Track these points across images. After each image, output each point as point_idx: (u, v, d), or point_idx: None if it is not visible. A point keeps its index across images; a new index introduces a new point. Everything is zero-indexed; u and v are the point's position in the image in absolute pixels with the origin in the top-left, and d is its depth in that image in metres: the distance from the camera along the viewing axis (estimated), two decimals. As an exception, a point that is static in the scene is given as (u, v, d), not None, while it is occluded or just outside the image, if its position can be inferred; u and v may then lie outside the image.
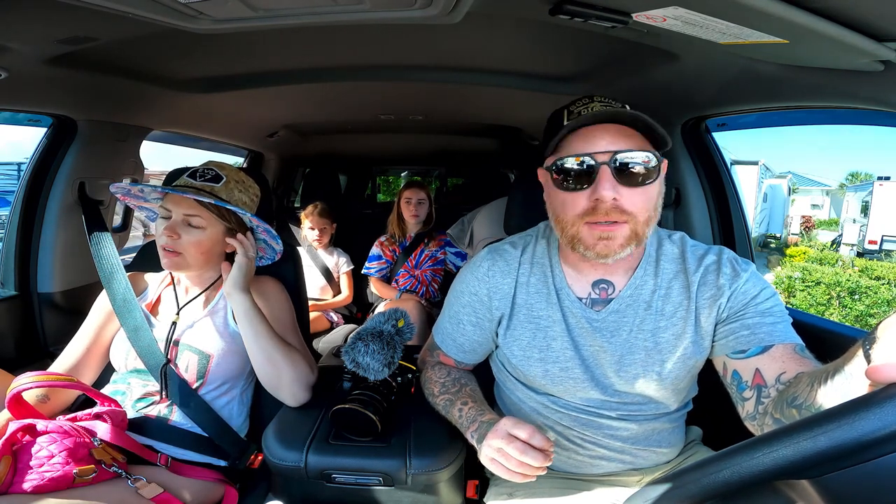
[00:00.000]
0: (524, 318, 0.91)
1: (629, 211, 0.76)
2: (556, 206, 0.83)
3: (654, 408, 0.90)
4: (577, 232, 0.80)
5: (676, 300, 0.86)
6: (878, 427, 0.35)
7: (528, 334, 0.91)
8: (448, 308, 1.02)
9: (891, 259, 11.03)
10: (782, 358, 0.74)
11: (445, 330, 1.02)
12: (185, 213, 1.04)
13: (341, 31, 1.08)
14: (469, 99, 1.76)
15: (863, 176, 32.52)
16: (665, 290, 0.87)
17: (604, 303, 0.88)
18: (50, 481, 0.79)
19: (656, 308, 0.86)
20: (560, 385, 0.89)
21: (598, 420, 0.90)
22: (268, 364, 1.03)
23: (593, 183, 0.76)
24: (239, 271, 1.05)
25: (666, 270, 0.88)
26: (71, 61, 1.06)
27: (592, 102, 0.81)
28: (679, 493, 0.47)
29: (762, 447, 0.41)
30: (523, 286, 0.92)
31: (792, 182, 21.84)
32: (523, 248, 0.96)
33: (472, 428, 0.84)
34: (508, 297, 0.93)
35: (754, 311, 0.81)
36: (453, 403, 0.92)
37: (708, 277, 0.85)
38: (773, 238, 16.51)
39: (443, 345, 1.03)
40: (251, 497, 1.05)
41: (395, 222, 2.47)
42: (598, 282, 0.89)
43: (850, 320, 6.63)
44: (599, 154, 0.75)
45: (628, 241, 0.78)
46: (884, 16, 0.65)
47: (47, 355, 1.42)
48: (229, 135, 2.34)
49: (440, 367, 1.03)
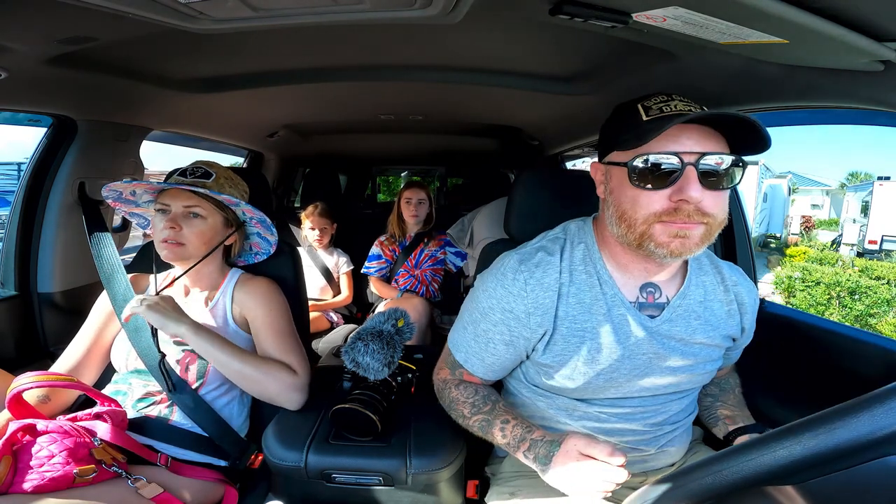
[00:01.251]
0: (567, 331, 0.85)
1: (710, 213, 0.74)
2: (625, 203, 0.78)
3: (677, 408, 0.91)
4: (649, 229, 0.75)
5: (718, 312, 0.89)
6: (856, 436, 0.36)
7: (573, 348, 0.85)
8: (472, 325, 0.92)
9: (891, 259, 11.03)
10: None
11: (471, 348, 0.92)
12: (184, 204, 1.05)
13: (341, 31, 1.08)
14: (469, 99, 1.76)
15: (863, 176, 32.52)
16: (711, 300, 0.89)
17: (652, 307, 0.86)
18: (50, 481, 0.79)
19: (705, 318, 0.88)
20: (598, 391, 0.87)
21: (620, 425, 0.89)
22: (246, 383, 1.04)
23: (675, 183, 0.73)
24: (158, 316, 0.98)
25: (708, 281, 0.90)
26: (71, 61, 1.06)
27: (672, 100, 0.77)
28: (678, 493, 0.47)
29: (742, 455, 0.42)
30: (565, 297, 0.85)
31: (792, 182, 21.84)
32: (560, 253, 0.88)
33: (524, 447, 0.80)
34: (551, 311, 0.85)
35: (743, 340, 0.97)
36: (492, 423, 0.87)
37: (741, 297, 0.92)
38: (773, 238, 16.51)
39: (467, 363, 0.93)
40: (251, 497, 1.05)
41: (395, 222, 2.47)
42: (646, 285, 0.86)
43: (850, 320, 6.64)
44: (687, 154, 0.72)
45: (703, 240, 0.75)
46: (884, 16, 0.65)
47: (47, 355, 1.42)
48: (229, 135, 2.34)
49: (465, 386, 0.95)
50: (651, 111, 0.77)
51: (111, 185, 1.06)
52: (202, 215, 1.07)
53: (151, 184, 1.06)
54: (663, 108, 0.76)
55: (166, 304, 1.00)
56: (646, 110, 0.78)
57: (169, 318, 0.98)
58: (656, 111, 0.76)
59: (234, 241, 1.18)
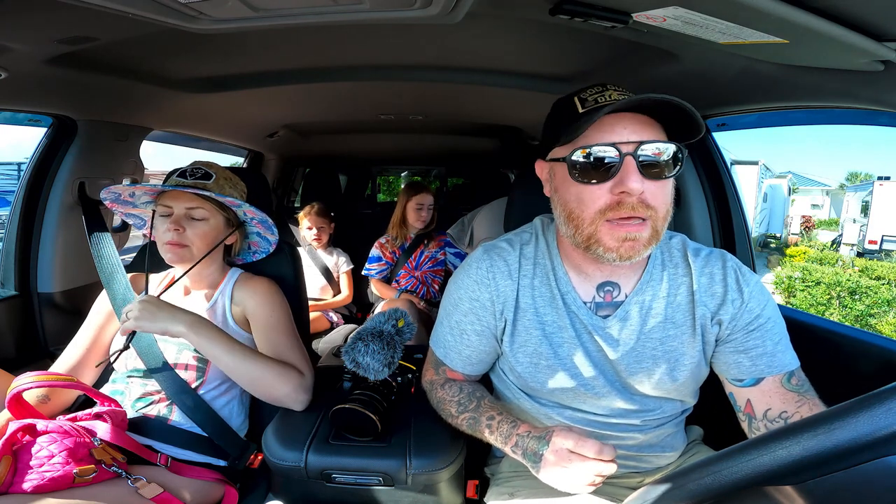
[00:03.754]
0: (529, 322, 0.86)
1: (652, 205, 0.72)
2: (570, 202, 0.76)
3: (660, 414, 0.88)
4: (595, 232, 0.74)
5: (684, 308, 0.83)
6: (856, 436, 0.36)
7: (535, 340, 0.85)
8: (447, 318, 0.93)
9: (891, 259, 11.03)
10: (770, 392, 0.79)
11: (448, 342, 0.93)
12: (186, 206, 1.05)
13: (341, 31, 1.08)
14: (469, 99, 1.76)
15: (863, 176, 32.54)
16: (673, 296, 0.83)
17: (609, 307, 0.84)
18: (50, 481, 0.79)
19: (665, 315, 0.83)
20: (569, 394, 0.86)
21: (605, 431, 0.88)
22: (253, 384, 1.01)
23: (615, 175, 0.71)
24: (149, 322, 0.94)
25: (672, 275, 0.84)
26: (71, 61, 1.06)
27: (607, 90, 0.75)
28: (678, 493, 0.47)
29: (742, 456, 0.42)
30: (526, 288, 0.86)
31: (792, 182, 21.84)
32: (521, 246, 0.89)
33: (511, 443, 0.79)
34: (511, 300, 0.86)
35: (756, 333, 0.80)
36: (478, 421, 0.86)
37: (714, 288, 0.82)
38: (773, 238, 16.52)
39: (446, 359, 0.94)
40: (251, 497, 1.05)
41: (397, 225, 2.43)
42: (604, 284, 0.84)
43: (851, 320, 6.64)
44: (624, 144, 0.70)
45: (650, 240, 0.74)
46: (884, 16, 0.65)
47: (47, 355, 1.42)
48: (229, 135, 2.34)
49: (450, 385, 0.95)
50: (587, 103, 0.75)
51: (112, 188, 1.06)
52: (205, 217, 1.07)
53: (154, 186, 1.05)
54: (598, 99, 0.75)
55: (150, 305, 0.95)
56: (581, 102, 0.76)
57: (160, 319, 0.94)
58: (591, 102, 0.75)
59: (235, 241, 1.18)
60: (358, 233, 2.77)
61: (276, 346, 1.08)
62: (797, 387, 0.78)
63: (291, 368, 1.04)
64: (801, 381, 0.79)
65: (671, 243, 0.88)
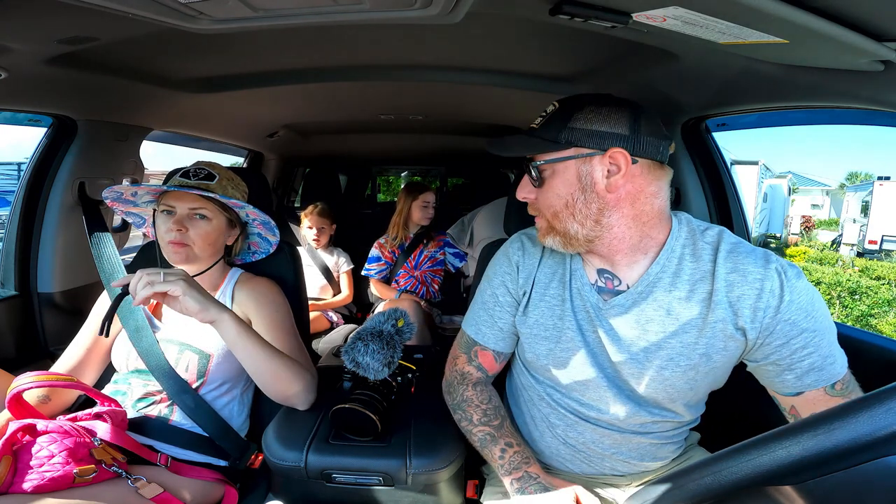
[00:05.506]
0: (537, 296, 0.92)
1: (537, 208, 0.86)
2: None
3: (648, 418, 0.86)
4: None
5: (696, 308, 0.78)
6: (855, 436, 0.36)
7: (538, 312, 0.91)
8: (480, 294, 0.99)
9: (891, 259, 11.03)
10: (814, 401, 0.76)
11: (480, 318, 0.97)
12: (189, 206, 1.05)
13: (341, 31, 1.08)
14: (469, 99, 1.76)
15: (863, 176, 32.53)
16: (686, 292, 0.79)
17: (609, 293, 0.85)
18: (50, 481, 0.79)
19: (669, 310, 0.79)
20: (562, 369, 0.87)
21: (589, 424, 0.89)
22: (272, 381, 0.99)
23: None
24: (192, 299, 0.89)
25: (690, 271, 0.79)
26: (71, 61, 1.06)
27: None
28: (677, 494, 0.47)
29: (741, 456, 0.42)
30: (545, 266, 0.93)
31: (792, 182, 21.82)
32: None
33: (515, 475, 0.84)
34: (532, 275, 0.93)
35: (800, 347, 0.74)
36: (495, 441, 0.88)
37: (743, 290, 0.75)
38: (773, 238, 16.50)
39: (478, 335, 0.97)
40: (251, 497, 1.05)
41: (399, 224, 2.43)
42: (602, 271, 0.86)
43: (851, 320, 6.64)
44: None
45: (547, 232, 0.85)
46: (884, 16, 0.65)
47: (48, 355, 1.42)
48: (229, 135, 2.34)
49: (482, 388, 0.96)
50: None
51: (115, 188, 1.06)
52: (207, 217, 1.07)
53: (158, 187, 1.05)
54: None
55: (194, 282, 0.90)
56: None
57: (204, 298, 0.90)
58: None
59: (236, 241, 1.18)
60: (358, 233, 2.77)
61: (279, 346, 1.08)
62: (841, 392, 0.75)
63: (303, 367, 1.05)
64: (846, 384, 0.75)
65: (703, 237, 0.81)
